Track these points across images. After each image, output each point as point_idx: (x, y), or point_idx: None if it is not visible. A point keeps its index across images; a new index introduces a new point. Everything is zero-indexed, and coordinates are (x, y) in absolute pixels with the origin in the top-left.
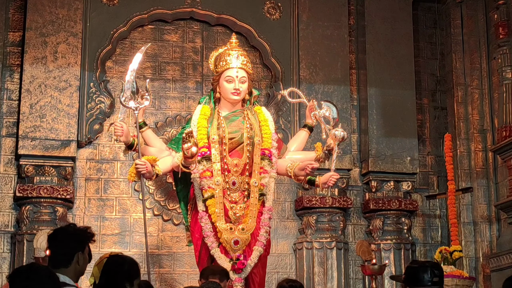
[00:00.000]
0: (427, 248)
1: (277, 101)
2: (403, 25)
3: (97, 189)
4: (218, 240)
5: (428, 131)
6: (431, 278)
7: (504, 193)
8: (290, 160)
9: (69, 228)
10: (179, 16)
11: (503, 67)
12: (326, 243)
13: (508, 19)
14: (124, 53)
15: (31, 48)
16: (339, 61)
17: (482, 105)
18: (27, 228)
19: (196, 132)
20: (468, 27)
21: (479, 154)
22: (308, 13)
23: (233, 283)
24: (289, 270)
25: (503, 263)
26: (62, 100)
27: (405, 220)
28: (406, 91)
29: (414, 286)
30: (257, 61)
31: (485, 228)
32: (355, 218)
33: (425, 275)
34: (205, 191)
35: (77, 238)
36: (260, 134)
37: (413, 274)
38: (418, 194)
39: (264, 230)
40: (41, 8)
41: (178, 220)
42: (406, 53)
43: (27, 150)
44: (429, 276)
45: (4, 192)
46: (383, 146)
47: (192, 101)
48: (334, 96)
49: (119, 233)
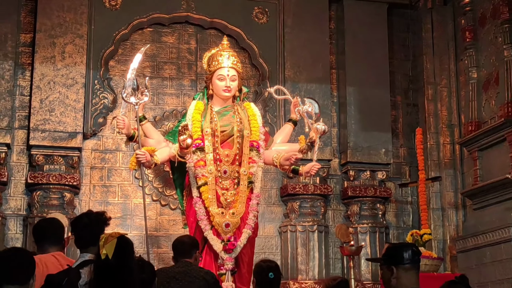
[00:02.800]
0: (399, 231)
1: (264, 97)
2: (379, 30)
3: (101, 177)
4: (211, 223)
5: (401, 125)
6: (413, 256)
7: (470, 182)
8: (276, 151)
9: (91, 213)
10: (175, 20)
11: (469, 67)
12: (309, 227)
13: (474, 24)
14: (126, 54)
15: (41, 48)
16: (320, 62)
17: (450, 102)
18: (37, 212)
19: (191, 126)
20: (438, 31)
21: (447, 146)
22: (292, 18)
23: (224, 262)
24: (275, 251)
25: (468, 245)
26: (69, 96)
27: (380, 206)
28: (381, 89)
29: (395, 265)
30: (246, 61)
31: (452, 213)
32: (335, 204)
33: (406, 254)
34: (199, 179)
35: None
36: (249, 128)
37: (396, 253)
38: (392, 182)
39: (253, 214)
40: (50, 12)
41: (175, 205)
42: (381, 55)
43: (37, 141)
44: (410, 255)
45: (17, 179)
46: (360, 139)
47: (187, 97)
48: (316, 94)
49: (121, 217)
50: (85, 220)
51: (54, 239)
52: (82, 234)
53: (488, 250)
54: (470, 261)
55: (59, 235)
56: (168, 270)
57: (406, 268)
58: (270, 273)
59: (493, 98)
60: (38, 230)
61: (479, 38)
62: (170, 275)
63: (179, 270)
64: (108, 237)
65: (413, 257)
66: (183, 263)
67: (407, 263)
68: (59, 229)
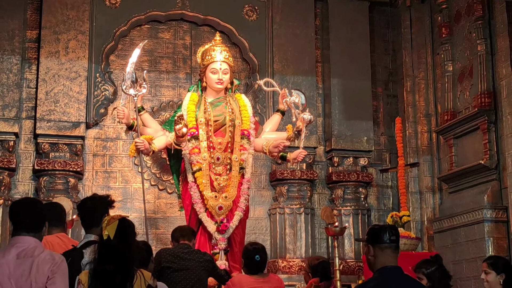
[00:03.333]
0: (380, 213)
1: (254, 89)
2: (361, 26)
3: (103, 163)
4: (205, 206)
5: (382, 115)
6: (389, 237)
7: (446, 167)
8: (265, 139)
9: (94, 197)
10: (171, 17)
11: (445, 61)
12: (296, 209)
13: (450, 21)
14: (125, 49)
15: (46, 44)
16: (306, 56)
17: (427, 94)
18: (44, 196)
19: (186, 116)
20: (416, 27)
21: (424, 134)
22: (280, 15)
23: (217, 242)
24: (265, 232)
25: (444, 226)
26: (72, 88)
27: (362, 190)
28: (363, 81)
29: (375, 244)
30: (237, 56)
31: (429, 196)
32: (320, 188)
33: (385, 235)
34: (194, 165)
35: (102, 204)
36: (240, 117)
37: (375, 234)
38: (373, 168)
39: (244, 198)
40: (54, 10)
41: (171, 189)
42: (363, 49)
43: (43, 130)
44: (387, 235)
45: (24, 166)
46: (344, 127)
47: (182, 89)
48: (302, 86)
49: (122, 200)
50: (89, 203)
51: (56, 221)
52: (86, 216)
53: (462, 231)
54: (446, 240)
55: (61, 217)
56: (172, 250)
57: (382, 247)
58: (257, 255)
59: (467, 89)
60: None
61: (454, 33)
62: (174, 254)
63: (181, 250)
64: (110, 219)
65: (389, 238)
66: (184, 245)
67: (383, 243)
68: (60, 212)
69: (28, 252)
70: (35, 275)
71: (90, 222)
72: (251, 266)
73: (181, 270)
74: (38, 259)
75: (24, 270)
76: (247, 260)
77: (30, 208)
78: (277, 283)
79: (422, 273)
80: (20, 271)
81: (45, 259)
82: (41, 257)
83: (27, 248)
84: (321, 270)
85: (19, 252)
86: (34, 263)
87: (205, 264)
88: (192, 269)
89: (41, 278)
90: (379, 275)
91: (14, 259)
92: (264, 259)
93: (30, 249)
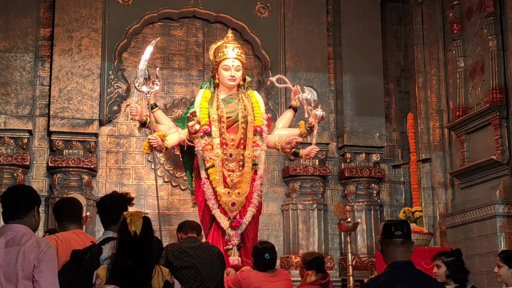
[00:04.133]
0: (393, 209)
1: (267, 86)
2: (373, 22)
3: (116, 160)
4: (218, 202)
5: (394, 111)
6: (395, 231)
7: (457, 163)
8: (278, 136)
9: (113, 194)
10: (183, 14)
11: (456, 57)
12: (309, 205)
13: (461, 17)
14: (138, 46)
15: (59, 41)
16: (318, 52)
17: (439, 90)
18: (58, 193)
19: (198, 112)
20: (427, 23)
21: (436, 130)
22: (292, 12)
23: (230, 238)
24: (278, 228)
25: (456, 221)
26: (86, 86)
27: (374, 186)
28: (375, 77)
29: (384, 239)
30: (249, 53)
31: (441, 192)
32: (333, 184)
33: (391, 230)
34: (207, 162)
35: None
36: (252, 114)
37: (383, 229)
38: (385, 164)
39: (257, 194)
40: (67, 8)
41: (185, 186)
42: (375, 46)
43: (57, 127)
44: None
45: (39, 163)
46: (356, 124)
47: (195, 86)
48: (314, 82)
49: (136, 197)
50: (108, 201)
51: (73, 217)
52: (105, 213)
53: (474, 226)
54: (458, 235)
55: (78, 213)
56: (179, 244)
57: (387, 242)
58: (266, 254)
59: (479, 85)
60: (58, 209)
61: (465, 29)
62: (182, 249)
63: (189, 245)
64: (134, 216)
65: (393, 233)
66: (192, 239)
67: (390, 238)
68: (77, 208)
69: (16, 240)
70: (21, 263)
71: (108, 219)
72: (260, 264)
73: (187, 268)
74: (25, 247)
75: (12, 258)
76: (256, 258)
77: (14, 194)
78: (285, 276)
79: (442, 260)
80: (8, 259)
81: (31, 247)
82: (27, 244)
83: (15, 236)
84: (316, 266)
85: (8, 240)
86: (21, 251)
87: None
88: (199, 265)
89: (27, 266)
90: (389, 270)
91: (3, 248)
92: (273, 257)
93: (18, 237)
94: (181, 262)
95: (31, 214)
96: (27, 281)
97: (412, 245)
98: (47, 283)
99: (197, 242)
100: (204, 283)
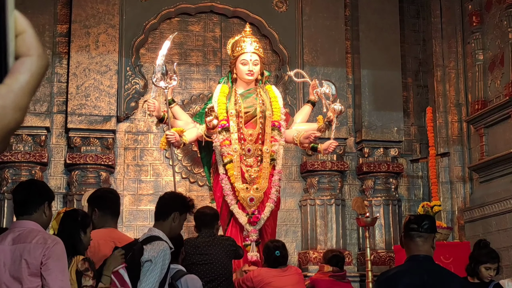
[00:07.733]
0: (411, 204)
1: (285, 81)
2: (391, 16)
3: (134, 157)
4: (236, 198)
5: (412, 105)
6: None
7: (476, 157)
8: (296, 130)
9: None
10: (201, 9)
11: (475, 50)
12: (327, 200)
13: (480, 9)
14: (155, 42)
15: (76, 38)
16: (336, 47)
17: (458, 83)
18: (76, 190)
19: (216, 107)
20: (446, 16)
21: (455, 124)
22: (310, 6)
23: (249, 234)
24: (296, 223)
25: (475, 215)
26: (103, 82)
27: (392, 181)
28: (393, 71)
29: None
30: (267, 48)
31: (460, 186)
32: (351, 179)
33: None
34: (225, 157)
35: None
36: (270, 109)
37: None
38: (404, 158)
39: (275, 189)
40: (84, 4)
41: (202, 182)
42: (393, 40)
43: (75, 124)
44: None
45: (56, 160)
46: (374, 118)
47: (212, 81)
48: (332, 77)
49: (153, 193)
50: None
51: (110, 211)
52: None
53: (493, 220)
54: (477, 230)
55: (116, 207)
56: (194, 240)
57: (406, 235)
58: (277, 251)
59: (498, 78)
60: (99, 200)
61: (485, 22)
62: (196, 245)
63: (203, 240)
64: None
65: (407, 227)
66: (207, 233)
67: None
68: (116, 201)
69: (22, 237)
70: (27, 260)
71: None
72: (271, 261)
73: (203, 264)
74: (31, 244)
75: (17, 256)
76: (267, 256)
77: (24, 189)
78: (295, 271)
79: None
80: (14, 257)
81: (37, 243)
82: (33, 241)
83: (23, 232)
84: (335, 263)
85: (15, 237)
86: (26, 248)
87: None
88: (214, 262)
89: (33, 263)
90: (406, 263)
91: (9, 245)
92: (283, 254)
93: (25, 233)
94: (196, 258)
95: (41, 210)
96: (33, 277)
97: (433, 240)
98: (55, 280)
99: (212, 236)
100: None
